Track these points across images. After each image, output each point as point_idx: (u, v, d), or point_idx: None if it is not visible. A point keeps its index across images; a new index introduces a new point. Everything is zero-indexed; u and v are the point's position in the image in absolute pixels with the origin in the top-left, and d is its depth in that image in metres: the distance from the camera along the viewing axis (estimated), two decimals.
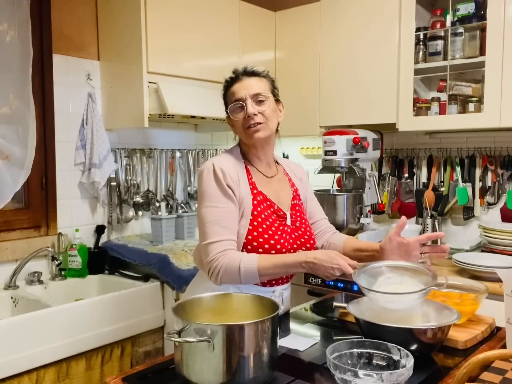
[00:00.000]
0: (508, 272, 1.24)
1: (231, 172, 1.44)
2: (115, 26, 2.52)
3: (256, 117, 1.44)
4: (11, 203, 2.25)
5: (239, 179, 1.46)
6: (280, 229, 1.47)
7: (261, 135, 1.46)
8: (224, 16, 2.73)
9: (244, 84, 1.48)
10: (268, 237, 1.44)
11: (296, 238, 1.51)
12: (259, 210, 1.46)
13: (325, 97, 2.81)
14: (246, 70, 1.51)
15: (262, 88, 1.48)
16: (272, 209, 1.49)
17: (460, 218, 2.63)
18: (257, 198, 1.47)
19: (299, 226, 1.54)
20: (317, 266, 1.33)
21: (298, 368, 1.21)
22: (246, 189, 1.46)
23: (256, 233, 1.43)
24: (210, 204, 1.42)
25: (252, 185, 1.49)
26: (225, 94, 1.53)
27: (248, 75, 1.50)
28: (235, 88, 1.48)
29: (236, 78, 1.50)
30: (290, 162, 1.72)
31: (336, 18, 2.73)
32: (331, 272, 1.32)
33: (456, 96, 2.40)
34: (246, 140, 1.49)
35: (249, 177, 1.49)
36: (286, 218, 1.51)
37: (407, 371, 1.00)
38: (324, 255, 1.34)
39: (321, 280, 2.41)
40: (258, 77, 1.50)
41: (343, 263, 1.31)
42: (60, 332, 1.97)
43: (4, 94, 2.18)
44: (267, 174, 1.55)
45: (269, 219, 1.46)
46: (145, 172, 2.84)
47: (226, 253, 1.38)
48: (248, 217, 1.44)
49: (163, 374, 1.18)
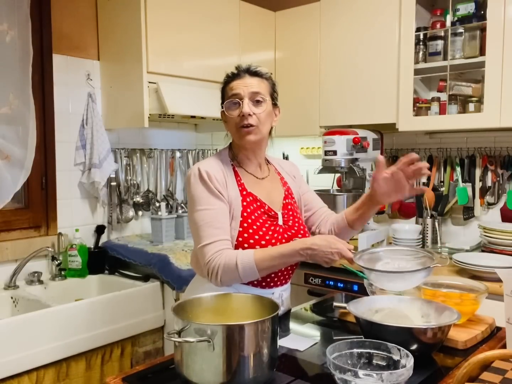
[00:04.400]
0: (508, 272, 1.24)
1: (217, 174, 1.44)
2: (115, 26, 2.52)
3: (250, 118, 1.44)
4: (11, 203, 2.25)
5: (226, 182, 1.45)
6: (271, 229, 1.47)
7: (252, 138, 1.46)
8: (224, 16, 2.73)
9: (245, 81, 1.46)
10: (259, 238, 1.43)
11: (289, 237, 1.50)
12: (249, 211, 1.45)
13: (325, 97, 2.81)
14: (249, 68, 1.49)
15: (262, 89, 1.47)
16: (263, 210, 1.48)
17: (460, 218, 2.63)
18: (246, 199, 1.46)
19: (291, 225, 1.53)
20: (316, 251, 1.32)
21: (298, 368, 1.21)
22: (234, 191, 1.46)
23: (247, 234, 1.43)
24: (200, 208, 1.42)
25: (241, 186, 1.48)
26: (224, 88, 1.52)
27: (251, 74, 1.48)
28: (234, 83, 1.47)
29: (237, 74, 1.49)
30: (281, 161, 1.71)
31: (336, 18, 2.73)
32: (330, 257, 1.31)
33: (456, 96, 2.40)
34: (237, 140, 1.50)
35: (237, 179, 1.49)
36: (277, 218, 1.50)
37: (407, 371, 1.00)
38: (322, 240, 1.33)
39: (321, 280, 2.41)
40: (260, 78, 1.49)
41: (342, 247, 1.31)
42: (60, 332, 1.97)
43: (4, 94, 2.18)
44: (258, 175, 1.54)
45: (259, 219, 1.46)
46: (145, 172, 2.84)
47: (222, 252, 1.38)
48: (238, 219, 1.43)
49: (163, 374, 1.18)
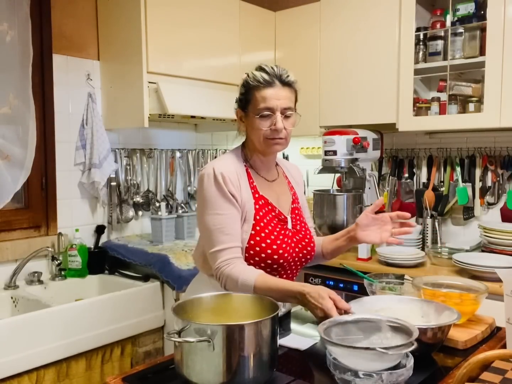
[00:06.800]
0: (508, 272, 1.24)
1: (232, 177, 1.42)
2: (115, 26, 2.52)
3: (281, 133, 1.42)
4: (11, 203, 2.25)
5: (240, 184, 1.44)
6: (282, 233, 1.47)
7: (280, 148, 1.46)
8: (224, 16, 2.73)
9: (278, 94, 1.42)
10: (270, 242, 1.43)
11: (298, 241, 1.51)
12: (261, 215, 1.45)
13: (325, 97, 2.81)
14: (282, 77, 1.43)
15: (292, 102, 1.45)
16: (274, 214, 1.48)
17: (460, 218, 2.63)
18: (259, 203, 1.46)
19: (299, 229, 1.54)
20: (306, 302, 1.27)
21: (298, 368, 1.21)
22: (247, 194, 1.45)
23: (259, 238, 1.42)
24: (212, 212, 1.41)
25: (254, 189, 1.47)
26: (251, 92, 1.44)
27: (283, 84, 1.43)
28: (267, 94, 1.41)
29: (271, 82, 1.42)
30: (288, 164, 1.71)
31: (336, 18, 2.73)
32: (315, 311, 1.25)
33: (456, 96, 2.40)
34: (262, 147, 1.46)
35: (250, 181, 1.48)
36: (287, 222, 1.51)
37: (407, 371, 1.00)
38: (315, 293, 1.26)
39: (321, 280, 2.41)
40: (290, 88, 1.45)
41: (327, 305, 1.21)
42: (60, 332, 1.97)
43: (4, 94, 2.17)
44: (268, 178, 1.54)
45: (271, 223, 1.46)
46: (145, 172, 2.84)
47: (230, 262, 1.38)
48: (251, 222, 1.43)
49: (163, 374, 1.18)
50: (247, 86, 1.45)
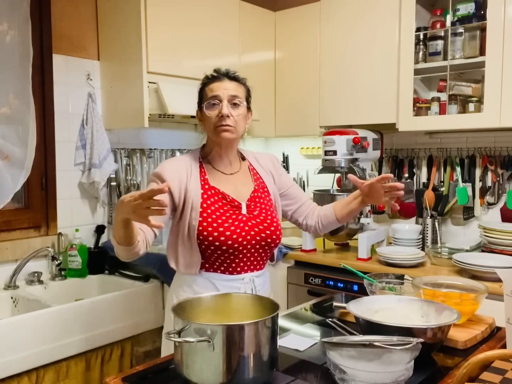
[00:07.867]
0: (508, 272, 1.24)
1: (173, 174, 1.54)
2: (115, 26, 2.52)
3: (228, 119, 1.53)
4: (11, 203, 2.25)
5: (187, 175, 1.56)
6: (233, 217, 1.55)
7: (229, 135, 1.55)
8: (224, 16, 2.73)
9: (224, 84, 1.56)
10: (217, 226, 1.52)
11: (253, 225, 1.57)
12: (209, 203, 1.55)
13: (325, 97, 2.81)
14: (228, 73, 1.59)
15: (240, 93, 1.57)
16: (225, 201, 1.58)
17: (460, 218, 2.63)
18: (207, 192, 1.57)
19: (257, 214, 1.60)
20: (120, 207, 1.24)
21: (298, 368, 1.21)
22: (195, 185, 1.56)
23: (206, 223, 1.52)
24: None
25: (204, 181, 1.59)
26: (202, 89, 1.61)
27: (229, 78, 1.58)
28: (214, 85, 1.56)
29: (217, 77, 1.59)
30: (258, 155, 1.76)
31: (336, 18, 2.73)
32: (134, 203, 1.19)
33: (456, 96, 2.40)
34: (213, 137, 1.58)
35: (201, 174, 1.60)
36: (241, 208, 1.58)
37: (407, 371, 1.00)
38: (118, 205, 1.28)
39: (321, 280, 2.41)
40: (238, 82, 1.60)
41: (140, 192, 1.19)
42: (60, 332, 1.97)
43: (4, 94, 2.18)
44: (226, 171, 1.64)
45: (220, 209, 1.56)
46: (145, 172, 2.84)
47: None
48: (198, 210, 1.53)
49: (163, 374, 1.18)
50: (200, 86, 1.63)
